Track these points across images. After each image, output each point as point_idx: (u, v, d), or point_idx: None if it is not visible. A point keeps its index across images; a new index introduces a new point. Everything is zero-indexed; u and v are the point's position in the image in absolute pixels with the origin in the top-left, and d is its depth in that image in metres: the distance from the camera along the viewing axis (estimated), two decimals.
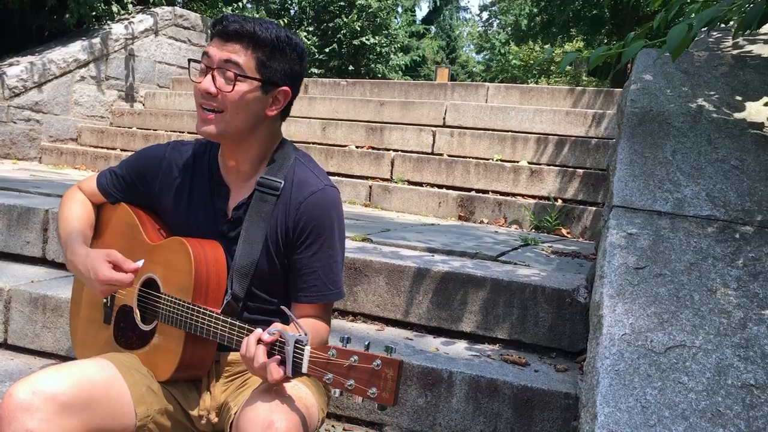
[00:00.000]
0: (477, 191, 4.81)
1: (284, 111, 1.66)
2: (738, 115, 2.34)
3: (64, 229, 1.74)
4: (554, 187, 4.61)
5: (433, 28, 37.35)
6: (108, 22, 6.84)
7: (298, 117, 5.91)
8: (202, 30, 7.76)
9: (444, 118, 5.64)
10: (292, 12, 20.16)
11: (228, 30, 1.53)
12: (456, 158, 5.04)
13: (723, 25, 3.05)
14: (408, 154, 5.14)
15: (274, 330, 1.39)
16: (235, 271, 1.61)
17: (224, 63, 1.52)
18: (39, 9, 6.28)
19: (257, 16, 1.64)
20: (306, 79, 6.48)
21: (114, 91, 6.80)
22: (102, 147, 6.29)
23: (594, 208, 4.29)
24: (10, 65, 5.88)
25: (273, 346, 1.39)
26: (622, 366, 1.48)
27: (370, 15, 18.84)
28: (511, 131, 5.31)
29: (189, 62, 1.71)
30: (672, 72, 2.61)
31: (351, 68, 18.80)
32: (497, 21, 36.15)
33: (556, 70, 23.05)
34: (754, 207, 1.94)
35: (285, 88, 1.60)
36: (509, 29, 30.20)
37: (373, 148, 5.48)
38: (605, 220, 2.05)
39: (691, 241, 1.83)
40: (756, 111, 2.36)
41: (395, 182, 5.03)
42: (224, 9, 9.32)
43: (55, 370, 1.44)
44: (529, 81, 22.94)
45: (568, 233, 4.25)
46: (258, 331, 1.40)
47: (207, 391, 1.67)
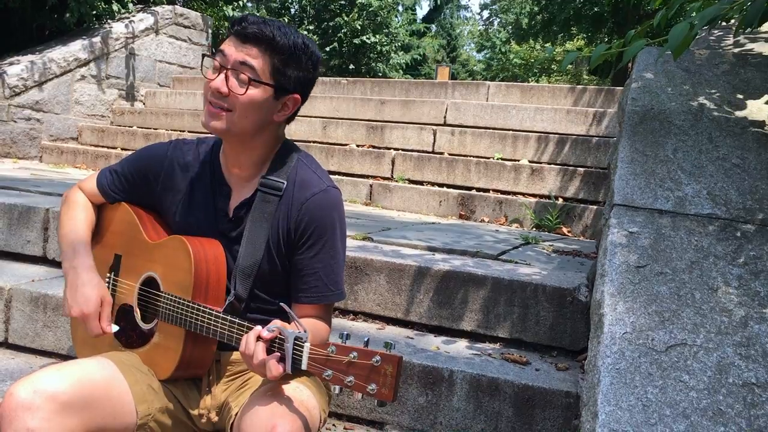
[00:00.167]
0: (478, 190, 4.81)
1: (291, 116, 1.65)
2: (739, 114, 2.33)
3: (68, 235, 1.73)
4: (555, 186, 4.61)
5: (434, 27, 37.35)
6: (108, 21, 6.84)
7: (299, 116, 5.83)
8: (203, 29, 7.76)
9: (445, 117, 5.64)
10: (293, 11, 20.18)
11: (247, 32, 1.51)
12: (457, 157, 5.04)
13: (724, 24, 3.05)
14: (409, 153, 5.13)
15: (274, 327, 1.39)
16: (238, 272, 1.61)
17: (239, 65, 1.51)
18: (39, 8, 6.27)
19: (277, 20, 1.61)
20: None
21: (114, 90, 6.80)
22: (102, 146, 6.28)
23: (595, 207, 4.28)
24: (11, 64, 5.88)
25: (272, 343, 1.39)
26: (623, 364, 1.48)
27: (371, 14, 18.85)
28: (512, 130, 5.30)
29: (202, 57, 1.71)
30: (673, 70, 2.61)
31: (351, 67, 18.81)
32: (498, 19, 36.15)
33: (557, 69, 23.03)
34: (756, 205, 1.93)
35: (296, 96, 1.60)
36: (510, 28, 30.21)
37: (374, 147, 5.48)
38: (606, 219, 2.05)
39: (692, 240, 1.83)
40: (757, 109, 2.36)
41: (396, 181, 5.03)
42: (224, 8, 9.31)
43: (56, 369, 1.45)
44: (530, 80, 22.92)
45: (569, 232, 4.24)
46: (257, 328, 1.40)
47: (207, 390, 1.67)
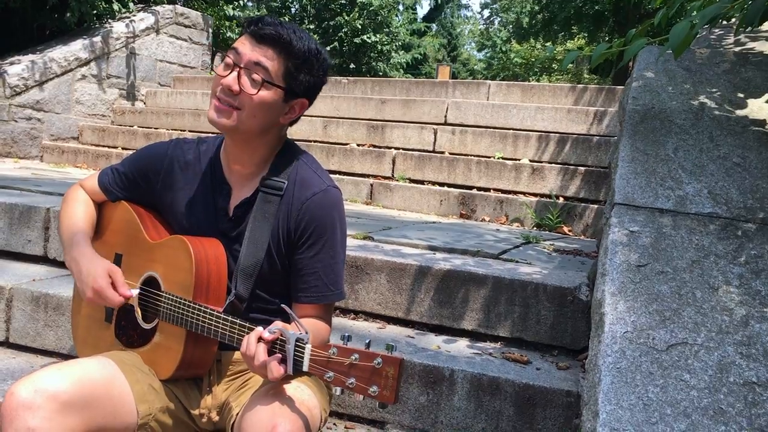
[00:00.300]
0: (478, 189, 4.81)
1: (296, 119, 1.66)
2: (740, 113, 2.33)
3: (68, 228, 1.74)
4: (556, 185, 4.61)
5: (435, 26, 37.35)
6: (109, 21, 6.84)
7: None
8: (203, 28, 7.76)
9: (445, 116, 5.63)
10: (293, 10, 20.18)
11: (263, 32, 1.51)
12: (457, 156, 5.04)
13: (725, 22, 3.04)
14: (409, 152, 5.13)
15: (275, 328, 1.39)
16: (240, 272, 1.61)
17: (253, 65, 1.51)
18: (40, 8, 6.27)
19: (291, 23, 1.63)
20: None
21: (115, 90, 6.80)
22: (103, 146, 6.29)
23: (596, 206, 4.28)
24: (12, 64, 5.88)
25: (274, 345, 1.39)
26: (624, 364, 1.48)
27: (371, 13, 18.84)
28: (513, 129, 5.30)
29: (221, 54, 1.71)
30: (674, 69, 2.61)
31: (352, 66, 18.81)
32: (498, 19, 36.16)
33: (558, 68, 23.02)
34: (756, 204, 1.93)
35: (304, 100, 1.61)
36: (510, 27, 30.20)
37: (375, 146, 5.48)
38: (607, 218, 2.05)
39: (693, 239, 1.83)
40: (758, 108, 2.36)
41: (396, 180, 5.03)
42: (225, 8, 9.31)
43: (57, 369, 1.45)
44: (531, 79, 22.91)
45: (570, 231, 4.24)
46: (259, 329, 1.40)
47: (208, 390, 1.67)
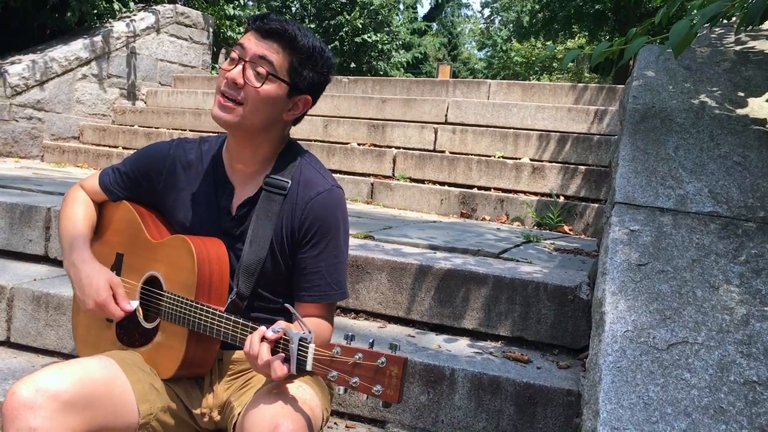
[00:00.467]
0: (479, 188, 4.81)
1: (299, 117, 1.67)
2: (740, 111, 2.33)
3: (68, 231, 1.74)
4: (556, 184, 4.61)
5: (435, 25, 37.34)
6: (109, 20, 6.84)
7: None
8: (204, 28, 7.76)
9: (446, 115, 5.63)
10: (294, 9, 20.18)
11: (269, 27, 1.52)
12: (458, 155, 5.03)
13: (725, 21, 3.04)
14: (410, 152, 5.13)
15: (278, 328, 1.39)
16: (242, 270, 1.61)
17: (258, 59, 1.52)
18: (40, 7, 6.27)
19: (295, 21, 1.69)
20: None
21: (116, 89, 6.80)
22: (104, 145, 6.29)
23: (596, 205, 4.28)
24: (12, 63, 5.88)
25: (277, 344, 1.39)
26: (625, 363, 1.48)
27: (372, 12, 18.85)
28: (513, 128, 5.30)
29: (226, 51, 1.73)
30: (674, 68, 2.61)
31: (353, 65, 18.82)
32: (499, 18, 36.15)
33: (558, 67, 23.00)
34: (757, 203, 1.93)
35: (307, 97, 1.62)
36: (511, 26, 30.19)
37: (375, 146, 5.48)
38: (607, 217, 2.05)
39: (694, 238, 1.83)
40: (758, 107, 2.36)
41: (397, 179, 5.03)
42: (225, 7, 9.32)
43: (58, 368, 1.45)
44: (531, 78, 22.89)
45: (571, 230, 4.24)
46: (262, 329, 1.40)
47: (210, 390, 1.67)
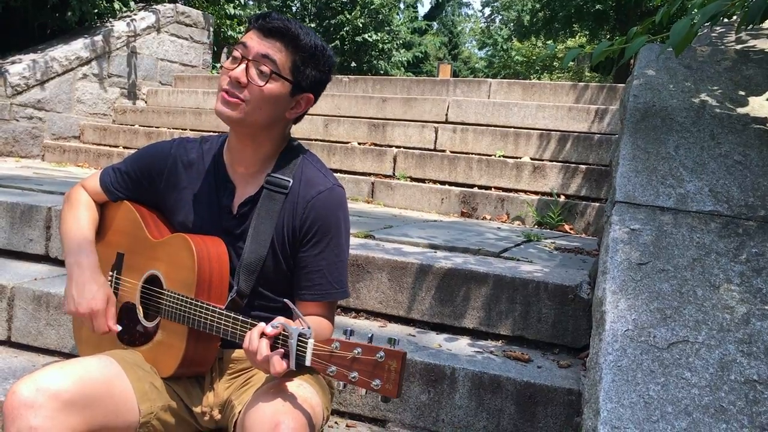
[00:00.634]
0: (479, 187, 4.81)
1: (300, 115, 1.67)
2: (741, 110, 2.33)
3: (73, 232, 1.73)
4: (557, 183, 4.60)
5: (435, 25, 37.34)
6: (110, 20, 6.84)
7: None
8: (204, 27, 7.76)
9: (446, 115, 5.63)
10: (294, 8, 20.17)
11: (271, 26, 1.53)
12: (458, 154, 5.03)
13: (726, 20, 3.04)
14: (410, 151, 5.13)
15: (277, 323, 1.39)
16: (242, 268, 1.62)
17: (261, 57, 1.52)
18: (41, 7, 6.27)
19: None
20: None
21: (116, 89, 6.80)
22: (104, 144, 6.29)
23: (597, 204, 4.28)
24: (13, 63, 5.88)
25: (276, 340, 1.39)
26: (625, 362, 1.48)
27: (373, 11, 18.85)
28: (514, 127, 5.29)
29: (228, 49, 1.73)
30: (675, 67, 2.61)
31: (353, 65, 18.82)
32: (500, 17, 36.14)
33: (559, 66, 22.99)
34: (758, 202, 1.93)
35: (309, 95, 1.62)
36: (512, 25, 30.18)
37: (376, 145, 5.48)
38: (608, 216, 2.05)
39: (694, 237, 1.82)
40: (759, 106, 2.35)
41: (398, 179, 5.03)
42: (226, 6, 9.31)
43: (59, 368, 1.45)
44: (532, 77, 22.88)
45: (571, 229, 4.24)
46: (261, 325, 1.41)
47: (210, 388, 1.67)
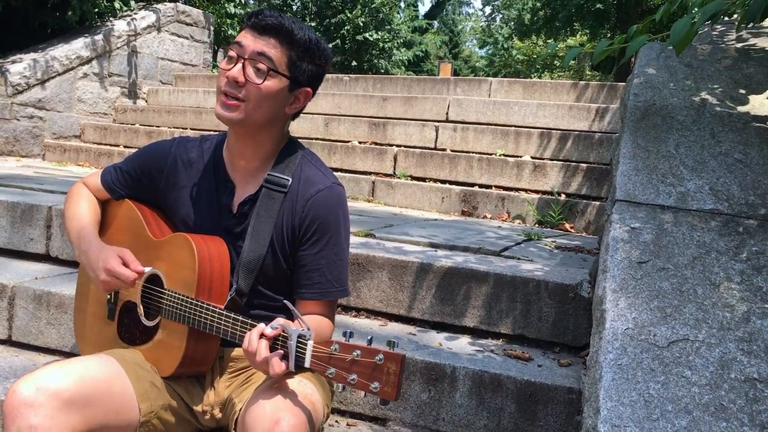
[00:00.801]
0: (480, 186, 4.80)
1: (299, 111, 1.68)
2: (741, 109, 2.33)
3: (77, 223, 1.74)
4: (557, 182, 4.60)
5: (436, 23, 37.33)
6: (110, 19, 6.84)
7: (301, 113, 5.90)
8: (205, 26, 7.76)
9: (447, 113, 5.63)
10: (295, 7, 20.16)
11: (265, 23, 1.53)
12: (459, 153, 5.03)
13: (726, 18, 3.03)
14: (411, 150, 5.13)
15: (277, 324, 1.39)
16: (242, 266, 1.62)
17: (257, 55, 1.53)
18: (41, 6, 6.28)
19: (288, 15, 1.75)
20: None
21: (117, 88, 6.81)
22: (105, 144, 6.29)
23: (597, 203, 4.28)
24: (13, 62, 5.88)
25: (276, 341, 1.39)
26: (625, 360, 1.48)
27: (373, 10, 18.85)
28: (514, 126, 5.29)
29: (224, 49, 1.74)
30: (675, 65, 2.60)
31: (354, 64, 18.82)
32: (500, 15, 36.12)
33: (560, 65, 22.97)
34: (758, 201, 1.93)
35: (307, 89, 1.63)
36: (512, 24, 30.13)
37: (376, 144, 5.48)
38: (608, 215, 2.05)
39: (695, 235, 1.82)
40: (760, 104, 2.35)
41: (398, 177, 5.03)
42: (226, 5, 9.31)
43: (59, 367, 1.45)
44: (533, 76, 22.87)
45: (572, 228, 4.24)
46: (261, 326, 1.41)
47: (211, 387, 1.67)
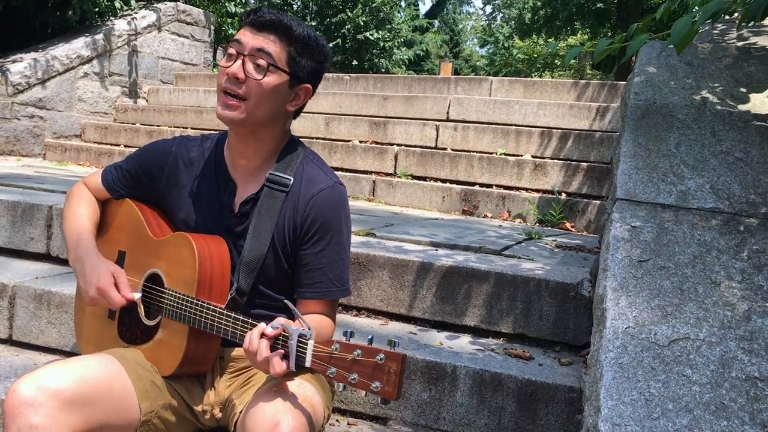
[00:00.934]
0: (481, 185, 4.80)
1: (299, 108, 1.67)
2: (742, 107, 2.32)
3: (73, 227, 1.74)
4: (558, 181, 4.60)
5: (437, 22, 37.31)
6: (111, 19, 6.84)
7: (302, 112, 5.90)
8: (205, 25, 7.75)
9: (447, 113, 5.63)
10: (295, 6, 20.15)
11: (263, 19, 1.54)
12: (460, 152, 5.03)
13: (727, 17, 3.03)
14: (411, 149, 5.13)
15: (278, 324, 1.39)
16: (243, 265, 1.62)
17: (256, 51, 1.53)
18: (42, 6, 6.28)
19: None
20: None
21: (117, 87, 6.81)
22: (105, 143, 6.30)
23: (598, 202, 4.28)
24: (14, 62, 5.89)
25: (276, 340, 1.39)
26: (626, 359, 1.48)
27: (374, 10, 18.84)
28: (515, 125, 5.29)
29: (224, 48, 1.74)
30: (676, 64, 2.60)
31: (354, 63, 18.81)
32: (501, 15, 36.10)
33: (560, 64, 22.97)
34: (759, 199, 1.93)
35: (307, 86, 1.63)
36: (513, 23, 30.12)
37: (377, 143, 5.47)
38: (609, 213, 2.04)
39: (695, 234, 1.82)
40: (760, 103, 2.35)
41: (399, 177, 5.03)
42: (227, 4, 9.31)
43: (59, 366, 1.45)
44: (533, 75, 22.86)
45: (573, 227, 4.24)
46: (261, 325, 1.41)
47: (211, 387, 1.67)
